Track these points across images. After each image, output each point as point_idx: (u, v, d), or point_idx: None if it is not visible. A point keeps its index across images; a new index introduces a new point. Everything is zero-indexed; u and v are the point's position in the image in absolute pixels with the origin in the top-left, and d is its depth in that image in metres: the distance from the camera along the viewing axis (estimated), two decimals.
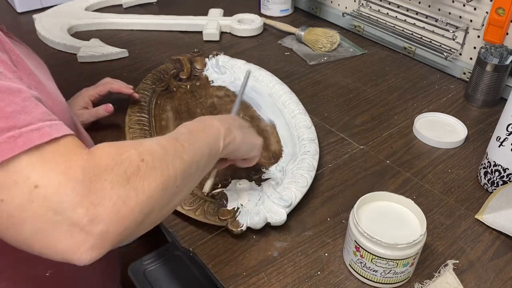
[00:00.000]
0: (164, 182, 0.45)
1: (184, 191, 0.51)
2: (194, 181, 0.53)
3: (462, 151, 0.85)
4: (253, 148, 0.65)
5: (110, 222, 0.40)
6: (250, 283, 0.61)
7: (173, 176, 0.47)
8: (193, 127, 0.56)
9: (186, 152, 0.50)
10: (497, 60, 0.91)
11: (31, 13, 1.28)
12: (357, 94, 1.00)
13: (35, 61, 0.64)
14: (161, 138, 0.51)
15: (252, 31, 1.23)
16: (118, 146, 0.44)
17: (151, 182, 0.44)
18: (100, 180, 0.40)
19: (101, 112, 0.82)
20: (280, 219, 0.66)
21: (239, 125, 0.63)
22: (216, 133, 0.57)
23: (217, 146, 0.57)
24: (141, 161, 0.44)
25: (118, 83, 0.86)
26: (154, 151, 0.46)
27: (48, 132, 0.40)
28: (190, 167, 0.50)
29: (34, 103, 0.42)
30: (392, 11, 1.15)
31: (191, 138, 0.53)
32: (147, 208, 0.44)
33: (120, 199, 0.41)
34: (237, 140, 0.60)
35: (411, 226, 0.60)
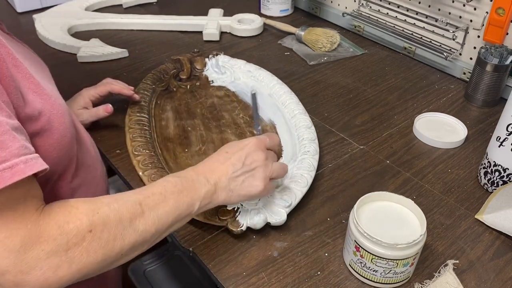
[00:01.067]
0: (106, 254, 0.46)
1: (132, 255, 0.51)
2: (147, 245, 0.53)
3: (462, 151, 0.85)
4: (248, 199, 0.62)
5: (35, 287, 0.42)
6: (250, 283, 0.61)
7: (118, 248, 0.47)
8: (170, 186, 0.54)
9: (143, 222, 0.50)
10: (497, 60, 0.91)
11: (31, 13, 1.28)
12: (357, 94, 1.00)
13: (35, 62, 0.64)
14: (123, 202, 0.50)
15: (252, 31, 1.23)
16: (72, 213, 0.45)
17: (91, 254, 0.45)
18: (37, 249, 0.42)
19: (101, 112, 0.82)
20: (280, 219, 0.66)
21: (233, 176, 0.59)
22: (192, 196, 0.55)
23: (190, 209, 0.55)
24: (88, 232, 0.45)
25: (118, 84, 0.86)
26: (108, 221, 0.47)
27: (22, 170, 0.42)
28: (143, 237, 0.50)
29: (12, 136, 0.43)
30: (392, 11, 1.15)
31: (159, 202, 0.52)
32: (79, 275, 0.45)
33: (50, 269, 0.43)
34: (219, 199, 0.58)
35: (411, 226, 0.60)
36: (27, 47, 0.67)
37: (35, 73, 0.57)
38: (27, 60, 0.59)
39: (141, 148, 0.77)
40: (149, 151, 0.76)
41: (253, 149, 0.61)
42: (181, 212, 0.54)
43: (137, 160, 0.75)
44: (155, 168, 0.73)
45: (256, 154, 0.61)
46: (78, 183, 0.65)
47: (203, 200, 0.57)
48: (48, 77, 0.66)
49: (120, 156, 0.81)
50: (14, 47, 0.57)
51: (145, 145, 0.77)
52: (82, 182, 0.67)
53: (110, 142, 0.84)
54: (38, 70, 0.61)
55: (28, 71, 0.53)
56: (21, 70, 0.52)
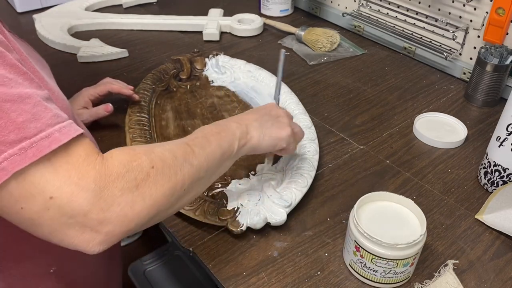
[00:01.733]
0: (172, 188, 0.49)
1: (192, 194, 0.53)
2: (203, 184, 0.56)
3: (462, 151, 0.85)
4: (278, 142, 0.65)
5: (117, 224, 0.45)
6: (250, 283, 0.61)
7: (180, 182, 0.50)
8: (208, 130, 0.58)
9: (196, 157, 0.52)
10: (497, 60, 0.91)
11: (31, 13, 1.28)
12: (357, 94, 1.00)
13: (37, 60, 0.64)
14: (173, 144, 0.53)
15: (252, 31, 1.23)
16: (131, 153, 0.47)
17: (159, 188, 0.47)
18: (111, 187, 0.44)
19: (101, 112, 0.83)
20: (280, 219, 0.66)
21: (263, 121, 0.64)
22: (230, 136, 0.59)
23: (231, 149, 0.58)
24: (151, 168, 0.47)
25: (118, 83, 0.86)
26: (164, 158, 0.49)
27: (58, 138, 0.43)
28: (199, 172, 0.53)
29: (44, 107, 0.44)
30: (392, 11, 1.15)
31: (203, 142, 0.55)
32: (153, 211, 0.47)
33: (127, 204, 0.45)
34: (253, 140, 0.61)
35: (411, 226, 0.60)
36: (28, 46, 0.67)
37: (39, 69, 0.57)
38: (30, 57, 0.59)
39: None
40: None
41: (276, 107, 0.68)
42: (225, 150, 0.57)
43: None
44: None
45: (278, 110, 0.68)
46: None
47: (240, 140, 0.60)
48: (50, 74, 0.66)
49: None
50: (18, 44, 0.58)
51: None
52: None
53: (110, 142, 0.84)
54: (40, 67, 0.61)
55: (33, 65, 0.54)
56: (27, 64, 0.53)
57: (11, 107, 0.41)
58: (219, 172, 0.58)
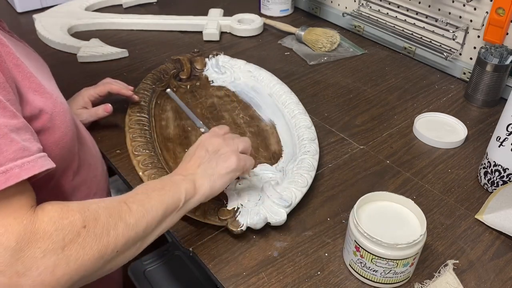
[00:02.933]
0: (102, 250, 0.46)
1: (127, 254, 0.51)
2: (141, 243, 0.52)
3: (462, 151, 0.85)
4: (232, 175, 0.62)
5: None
6: (250, 283, 0.61)
7: (113, 243, 0.47)
8: (150, 186, 0.56)
9: (132, 215, 0.50)
10: (497, 60, 0.91)
11: (31, 13, 1.28)
12: (357, 94, 1.00)
13: (36, 61, 0.64)
14: (110, 201, 0.50)
15: (252, 31, 1.23)
16: (64, 209, 0.45)
17: (87, 251, 0.44)
18: (33, 247, 0.41)
19: (100, 112, 0.82)
20: (280, 219, 0.66)
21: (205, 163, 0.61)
22: (175, 190, 0.56)
23: (177, 202, 0.56)
24: (82, 228, 0.45)
25: (118, 84, 0.86)
26: (98, 216, 0.47)
27: (17, 174, 0.41)
28: (135, 230, 0.50)
29: (9, 139, 0.42)
30: (392, 11, 1.15)
31: (143, 198, 0.53)
32: (77, 276, 0.44)
33: (47, 269, 0.41)
34: (204, 188, 0.59)
35: (411, 226, 0.60)
36: (27, 46, 0.67)
37: (36, 72, 0.57)
38: (27, 59, 0.59)
39: (141, 148, 0.77)
40: (149, 151, 0.76)
41: (208, 140, 0.64)
42: (168, 205, 0.54)
43: (137, 160, 0.75)
44: (155, 168, 0.73)
45: (213, 141, 0.64)
46: (79, 181, 0.66)
47: (188, 192, 0.57)
48: (49, 75, 0.66)
49: (120, 156, 0.81)
50: (15, 46, 0.58)
51: (145, 145, 0.77)
52: (83, 180, 0.67)
53: (110, 142, 0.84)
54: (38, 69, 0.61)
55: (28, 70, 0.53)
56: (21, 69, 0.52)
57: None
58: (162, 228, 0.55)
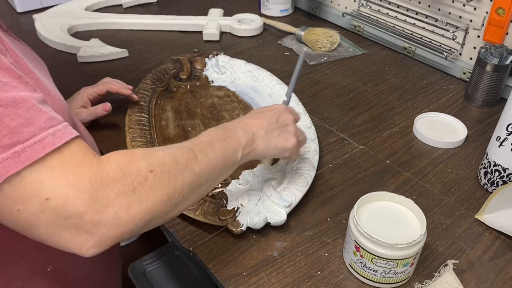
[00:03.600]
0: (170, 193, 0.48)
1: (191, 200, 0.53)
2: (203, 190, 0.55)
3: (462, 151, 0.85)
4: (282, 153, 0.65)
5: (111, 227, 0.44)
6: (250, 283, 0.61)
7: (179, 188, 0.49)
8: (214, 135, 0.57)
9: (198, 164, 0.52)
10: (497, 60, 0.91)
11: (31, 13, 1.28)
12: (357, 94, 1.00)
13: (34, 60, 0.64)
14: (176, 147, 0.52)
15: (252, 31, 1.23)
16: (129, 156, 0.47)
17: (156, 193, 0.47)
18: (106, 190, 0.44)
19: (99, 111, 0.83)
20: (280, 219, 0.66)
21: (269, 129, 0.63)
22: (235, 144, 0.58)
23: (234, 156, 0.58)
24: (149, 172, 0.47)
25: (117, 83, 0.86)
26: (164, 162, 0.48)
27: (51, 142, 0.43)
28: (199, 179, 0.52)
29: (38, 110, 0.44)
30: (392, 11, 1.15)
31: (207, 148, 0.55)
32: (149, 216, 0.47)
33: (122, 208, 0.44)
34: (259, 148, 0.61)
35: (411, 226, 0.60)
36: (26, 46, 0.67)
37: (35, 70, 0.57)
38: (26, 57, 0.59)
39: (141, 148, 0.77)
40: None
41: (284, 111, 0.67)
42: (228, 158, 0.57)
43: None
44: None
45: (286, 115, 0.67)
46: None
47: (245, 148, 0.59)
48: (47, 74, 0.66)
49: None
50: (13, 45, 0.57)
51: (145, 145, 0.77)
52: None
53: (110, 142, 0.84)
54: (37, 67, 0.61)
55: (28, 67, 0.53)
56: (22, 65, 0.52)
57: (4, 112, 0.41)
58: (220, 179, 0.58)
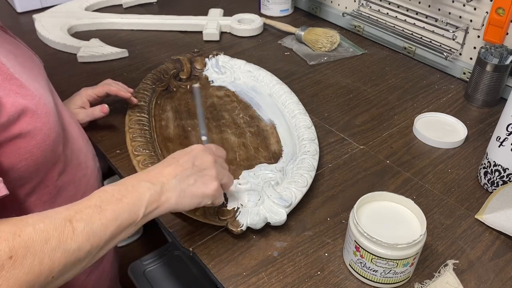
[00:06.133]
0: (32, 280, 0.43)
1: (66, 276, 0.47)
2: (85, 263, 0.48)
3: (462, 151, 0.85)
4: (202, 200, 0.58)
5: None
6: (250, 283, 0.61)
7: (46, 271, 0.44)
8: (108, 195, 0.50)
9: (75, 239, 0.45)
10: (497, 60, 0.91)
11: (31, 13, 1.28)
12: (357, 94, 1.00)
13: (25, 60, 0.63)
14: (50, 220, 0.45)
15: (252, 31, 1.23)
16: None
17: (11, 283, 0.41)
18: None
19: (97, 112, 0.82)
20: (280, 219, 0.66)
21: (184, 176, 0.56)
22: (135, 202, 0.51)
23: (133, 217, 0.51)
24: (8, 259, 0.41)
25: (117, 85, 0.86)
26: (31, 244, 0.43)
27: None
28: (77, 254, 0.46)
29: None
30: (392, 11, 1.15)
31: (94, 215, 0.48)
32: None
33: None
34: (170, 202, 0.54)
35: (411, 226, 0.60)
36: (21, 43, 0.66)
37: (21, 73, 0.56)
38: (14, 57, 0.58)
39: (141, 148, 0.77)
40: (149, 151, 0.76)
41: (201, 152, 0.60)
42: (122, 221, 0.50)
43: (137, 160, 0.75)
44: None
45: (205, 156, 0.59)
46: (66, 180, 0.65)
47: (150, 205, 0.52)
48: (38, 73, 0.64)
49: (120, 156, 0.81)
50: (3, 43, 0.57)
51: (145, 145, 0.77)
52: (71, 180, 0.66)
53: (110, 142, 0.84)
54: (26, 68, 0.60)
55: (10, 72, 0.53)
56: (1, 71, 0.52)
57: None
58: (111, 245, 0.50)
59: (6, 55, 0.56)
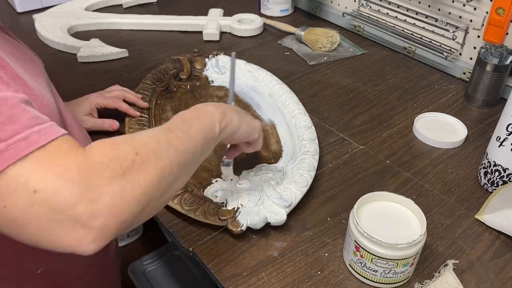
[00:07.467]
0: (160, 173, 0.47)
1: (182, 179, 0.52)
2: (191, 168, 0.54)
3: (462, 151, 0.85)
4: (253, 131, 0.65)
5: (109, 216, 0.42)
6: (250, 283, 0.61)
7: (168, 166, 0.48)
8: (187, 116, 0.57)
9: (180, 142, 0.51)
10: (497, 60, 0.91)
11: (31, 13, 1.28)
12: (357, 94, 1.00)
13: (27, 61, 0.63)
14: (154, 130, 0.52)
15: (252, 31, 1.23)
16: (112, 142, 0.46)
17: (147, 174, 0.45)
18: (96, 177, 0.42)
19: (106, 126, 0.84)
20: (280, 219, 0.66)
21: (235, 110, 0.63)
22: (210, 119, 0.58)
23: (213, 131, 0.57)
24: (135, 155, 0.45)
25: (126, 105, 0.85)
26: (147, 144, 0.47)
27: (36, 140, 0.42)
28: (185, 156, 0.51)
29: (21, 109, 0.43)
30: (392, 11, 1.15)
31: (185, 127, 0.54)
32: (144, 199, 0.45)
33: (116, 193, 0.43)
34: (234, 123, 0.61)
35: (411, 226, 0.60)
36: (22, 44, 0.66)
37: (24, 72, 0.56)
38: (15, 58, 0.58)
39: None
40: None
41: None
42: (207, 133, 0.56)
43: None
44: None
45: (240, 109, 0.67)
46: None
47: (221, 122, 0.58)
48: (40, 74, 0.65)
49: None
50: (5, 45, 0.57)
51: None
52: None
53: None
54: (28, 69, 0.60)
55: (14, 71, 0.53)
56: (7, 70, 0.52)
57: None
58: (204, 156, 0.57)
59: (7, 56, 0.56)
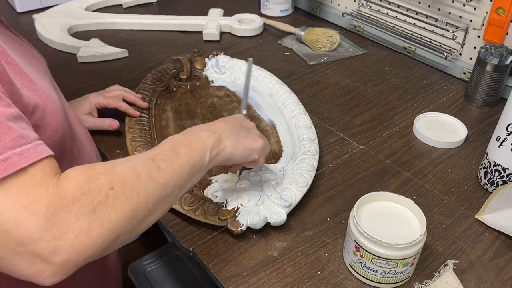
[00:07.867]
0: (134, 209, 0.46)
1: (158, 213, 0.51)
2: (170, 201, 0.52)
3: (462, 151, 0.85)
4: (251, 153, 0.63)
5: (71, 253, 0.41)
6: (250, 283, 0.61)
7: (144, 202, 0.47)
8: (177, 142, 0.55)
9: (162, 174, 0.50)
10: (497, 60, 0.91)
11: (31, 13, 1.28)
12: (357, 94, 1.00)
13: (31, 57, 0.63)
14: (136, 160, 0.50)
15: (252, 31, 1.23)
16: (89, 172, 0.44)
17: (119, 211, 0.44)
18: (64, 212, 0.41)
19: (106, 126, 0.83)
20: (280, 219, 0.66)
21: (236, 131, 0.62)
22: (202, 146, 0.56)
23: (202, 160, 0.56)
24: (110, 189, 0.44)
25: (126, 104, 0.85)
26: (126, 177, 0.46)
27: (16, 162, 0.41)
28: (165, 190, 0.50)
29: (7, 127, 0.42)
30: (392, 11, 1.15)
31: (172, 156, 0.52)
32: (112, 236, 0.44)
33: (82, 231, 0.42)
34: (227, 150, 0.59)
35: (411, 226, 0.60)
36: (25, 42, 0.66)
37: (29, 69, 0.56)
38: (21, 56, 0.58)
39: (141, 148, 0.77)
40: None
41: (245, 119, 0.67)
42: (195, 163, 0.54)
43: None
44: None
45: (248, 121, 0.67)
46: None
47: (213, 150, 0.57)
48: (44, 71, 0.65)
49: (120, 156, 0.81)
50: (9, 42, 0.57)
51: (145, 145, 0.77)
52: None
53: (110, 142, 0.84)
54: (32, 66, 0.60)
55: (20, 68, 0.53)
56: (13, 66, 0.52)
57: None
58: (188, 186, 0.55)
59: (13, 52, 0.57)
